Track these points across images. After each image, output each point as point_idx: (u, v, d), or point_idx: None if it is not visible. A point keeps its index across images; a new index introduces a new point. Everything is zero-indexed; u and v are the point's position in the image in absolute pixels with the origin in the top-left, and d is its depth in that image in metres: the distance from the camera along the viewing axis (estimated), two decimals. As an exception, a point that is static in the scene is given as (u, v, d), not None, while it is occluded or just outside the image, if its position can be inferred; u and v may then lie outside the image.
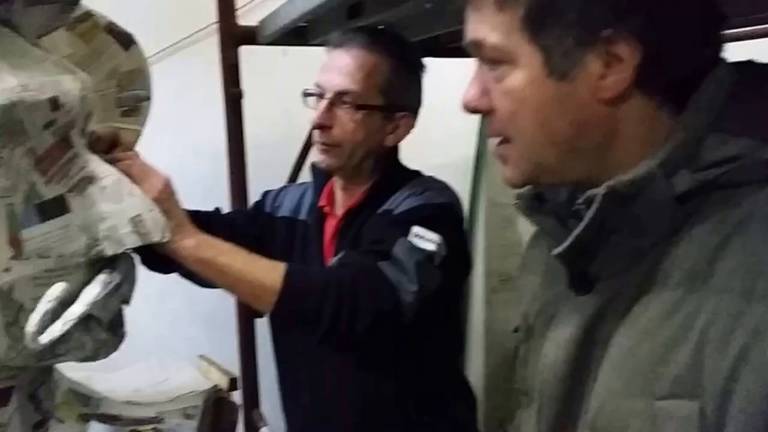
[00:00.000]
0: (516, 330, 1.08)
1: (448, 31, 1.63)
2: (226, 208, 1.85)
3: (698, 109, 0.68)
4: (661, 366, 0.64)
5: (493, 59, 0.72)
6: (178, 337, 2.39)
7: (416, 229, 1.30)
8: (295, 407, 1.64)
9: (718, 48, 0.71)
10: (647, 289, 0.69)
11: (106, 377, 1.57)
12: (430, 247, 1.30)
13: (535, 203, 0.85)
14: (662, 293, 0.67)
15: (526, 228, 3.08)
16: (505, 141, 0.76)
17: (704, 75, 0.69)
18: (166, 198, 1.09)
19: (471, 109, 0.77)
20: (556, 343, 0.78)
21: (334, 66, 1.43)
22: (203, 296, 1.53)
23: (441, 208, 1.39)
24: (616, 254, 0.71)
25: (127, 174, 1.06)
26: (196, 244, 1.13)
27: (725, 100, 0.68)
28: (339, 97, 1.41)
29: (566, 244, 0.70)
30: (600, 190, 0.67)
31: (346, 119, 1.42)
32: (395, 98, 1.45)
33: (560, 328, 0.78)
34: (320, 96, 1.44)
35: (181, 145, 2.26)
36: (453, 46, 1.95)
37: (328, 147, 1.44)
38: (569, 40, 0.67)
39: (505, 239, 3.04)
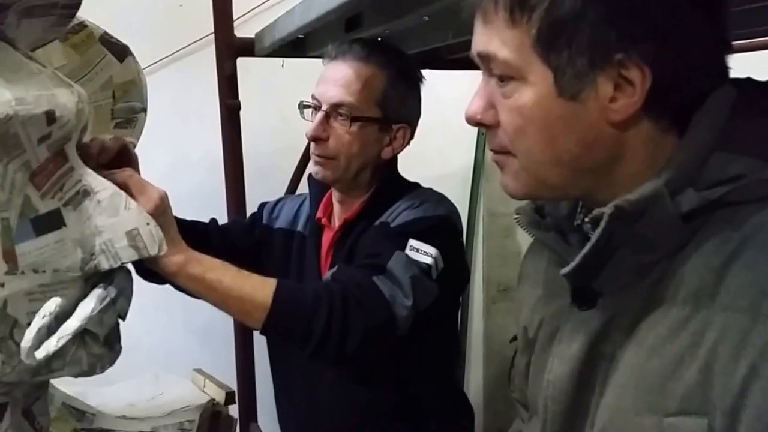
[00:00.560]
0: (513, 339, 1.08)
1: (446, 43, 1.62)
2: (222, 218, 1.84)
3: (701, 129, 0.69)
4: (670, 383, 0.65)
5: (503, 74, 0.72)
6: (174, 350, 2.38)
7: (413, 243, 1.31)
8: (292, 420, 1.63)
9: (725, 71, 0.72)
10: (652, 305, 0.69)
11: (101, 391, 1.56)
12: (427, 260, 1.30)
13: (535, 217, 0.85)
14: (669, 310, 0.68)
15: (524, 238, 3.09)
16: (505, 152, 0.76)
17: (707, 95, 0.69)
18: (161, 213, 1.07)
19: (474, 122, 0.77)
20: (561, 359, 0.79)
21: (330, 78, 1.43)
22: (199, 310, 1.52)
23: (438, 221, 1.39)
24: (619, 270, 0.72)
25: (124, 187, 1.05)
26: (185, 260, 1.12)
27: (727, 119, 0.69)
28: (335, 109, 1.41)
29: (575, 263, 0.70)
30: (607, 210, 0.67)
31: (341, 131, 1.42)
32: (392, 110, 1.45)
33: (565, 344, 0.79)
34: (316, 108, 1.44)
35: (177, 155, 2.26)
36: (451, 59, 1.97)
37: (324, 159, 1.44)
38: (581, 62, 0.67)
39: (504, 249, 3.07)
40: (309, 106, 1.48)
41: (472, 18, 0.75)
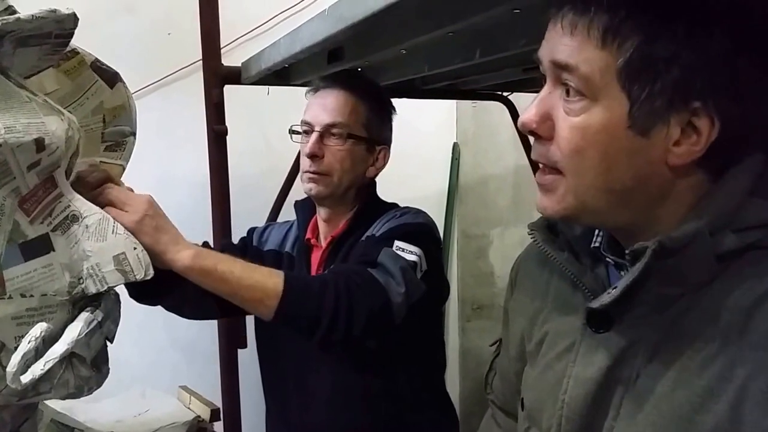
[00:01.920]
0: (494, 344, 1.10)
1: (421, 75, 1.71)
2: (208, 236, 1.86)
3: (741, 174, 0.71)
4: (699, 414, 0.66)
5: (577, 88, 0.71)
6: (160, 368, 2.39)
7: (398, 243, 1.38)
8: (283, 426, 1.65)
9: None
10: (676, 337, 0.71)
11: (88, 408, 1.57)
12: (413, 258, 1.36)
13: (550, 235, 0.86)
14: (695, 344, 0.69)
15: (496, 259, 3.18)
16: (554, 171, 0.76)
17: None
18: (153, 214, 1.10)
19: (527, 130, 0.76)
20: (576, 381, 0.79)
21: (321, 104, 1.53)
22: (185, 327, 1.54)
23: (420, 226, 1.48)
24: (643, 299, 0.72)
25: (110, 199, 1.08)
26: (195, 253, 1.15)
27: (765, 165, 0.71)
28: (328, 129, 1.51)
29: (614, 297, 0.71)
30: (651, 245, 0.68)
31: (335, 149, 1.51)
32: (375, 133, 1.56)
33: (580, 366, 0.79)
34: (306, 132, 1.54)
35: (163, 176, 2.28)
36: (426, 89, 2.07)
37: (319, 175, 1.52)
38: (661, 101, 0.67)
39: (477, 269, 3.15)
40: (298, 132, 1.58)
41: (543, 22, 0.75)
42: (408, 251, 1.37)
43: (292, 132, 1.60)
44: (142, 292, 1.20)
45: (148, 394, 1.79)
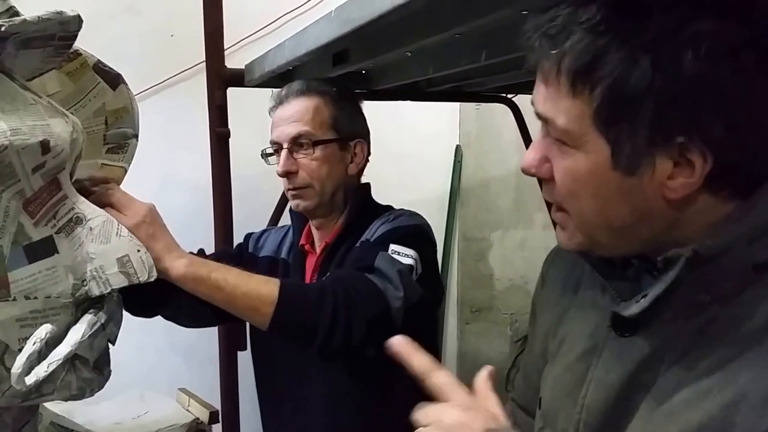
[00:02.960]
0: (519, 340, 1.08)
1: (426, 77, 1.70)
2: (209, 238, 1.86)
3: None
4: (727, 427, 0.63)
5: (559, 139, 0.71)
6: (159, 370, 2.39)
7: (393, 247, 1.36)
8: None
9: None
10: (702, 344, 0.68)
11: (87, 410, 1.57)
12: (409, 261, 1.35)
13: None
14: (718, 352, 0.66)
15: (496, 262, 3.19)
16: (562, 210, 0.76)
17: None
18: (151, 221, 1.09)
19: (530, 174, 0.76)
20: (598, 385, 0.78)
21: (282, 119, 1.53)
22: (184, 330, 1.53)
23: (414, 229, 1.46)
24: (672, 306, 0.70)
25: (112, 201, 1.08)
26: (189, 261, 1.13)
27: None
28: (295, 142, 1.50)
29: (644, 306, 0.68)
30: (685, 253, 0.65)
31: (306, 160, 1.50)
32: (344, 130, 1.54)
33: (602, 370, 0.78)
34: (277, 151, 1.54)
35: (165, 178, 2.28)
36: (430, 91, 2.05)
37: (299, 190, 1.52)
38: (640, 140, 0.65)
39: (477, 272, 3.16)
40: (271, 153, 1.58)
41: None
42: (404, 254, 1.36)
43: (265, 156, 1.60)
44: (137, 305, 1.19)
45: (146, 396, 1.79)
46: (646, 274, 0.78)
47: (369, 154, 1.60)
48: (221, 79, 1.93)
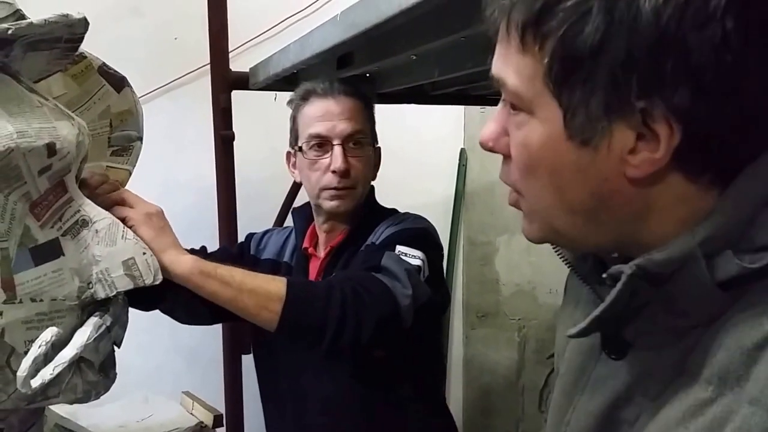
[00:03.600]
0: (551, 356, 1.03)
1: (431, 80, 1.70)
2: (213, 240, 1.86)
3: (750, 181, 0.56)
4: None
5: (513, 104, 0.62)
6: (163, 373, 2.38)
7: (400, 248, 1.35)
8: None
9: None
10: (680, 377, 0.59)
11: (92, 412, 1.57)
12: (416, 262, 1.34)
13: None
14: (691, 386, 0.57)
15: (502, 267, 3.17)
16: (518, 192, 0.67)
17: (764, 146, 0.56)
18: (159, 217, 1.11)
19: (487, 149, 0.67)
20: (579, 414, 0.71)
21: (332, 114, 1.46)
22: (189, 333, 1.54)
23: (421, 231, 1.45)
24: (651, 327, 0.62)
25: (123, 197, 1.09)
26: (194, 259, 1.12)
27: None
28: (349, 140, 1.46)
29: (581, 327, 0.61)
30: (627, 269, 0.57)
31: (357, 160, 1.47)
32: (374, 135, 1.55)
33: (587, 397, 0.71)
34: (320, 146, 1.47)
35: (170, 180, 2.28)
36: (434, 94, 2.04)
37: (347, 190, 1.47)
38: (595, 105, 0.55)
39: (482, 276, 3.14)
40: (319, 144, 1.47)
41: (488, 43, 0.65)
42: (411, 255, 1.34)
43: (299, 150, 1.50)
44: (137, 296, 1.18)
45: (151, 399, 1.79)
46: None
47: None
48: (226, 81, 1.93)
